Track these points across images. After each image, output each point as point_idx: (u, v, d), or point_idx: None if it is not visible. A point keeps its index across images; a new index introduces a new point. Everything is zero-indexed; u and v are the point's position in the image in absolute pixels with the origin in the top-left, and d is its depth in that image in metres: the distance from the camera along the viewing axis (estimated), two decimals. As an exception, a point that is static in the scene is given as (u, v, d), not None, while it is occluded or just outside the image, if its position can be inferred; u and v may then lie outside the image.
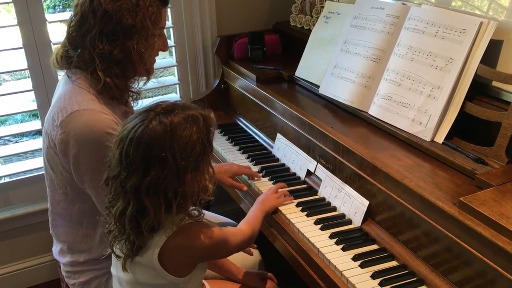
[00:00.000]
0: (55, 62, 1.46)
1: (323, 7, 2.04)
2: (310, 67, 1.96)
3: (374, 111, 1.63)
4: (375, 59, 1.67)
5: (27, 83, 2.12)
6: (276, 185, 1.65)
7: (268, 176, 1.75)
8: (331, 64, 1.82)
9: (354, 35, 1.76)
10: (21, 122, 3.56)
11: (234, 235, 1.31)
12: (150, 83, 1.58)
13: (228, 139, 2.06)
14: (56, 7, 3.67)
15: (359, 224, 1.44)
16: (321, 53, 1.92)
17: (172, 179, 1.09)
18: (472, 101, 1.42)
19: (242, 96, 2.14)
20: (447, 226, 1.17)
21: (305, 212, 1.53)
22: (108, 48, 1.36)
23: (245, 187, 1.72)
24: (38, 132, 2.68)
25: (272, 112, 1.90)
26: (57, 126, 1.36)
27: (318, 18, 2.04)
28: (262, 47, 2.23)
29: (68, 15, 1.46)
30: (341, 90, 1.75)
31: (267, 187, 1.69)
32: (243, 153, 1.94)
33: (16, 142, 3.25)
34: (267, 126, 1.98)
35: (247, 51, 2.25)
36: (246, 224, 1.40)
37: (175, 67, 2.39)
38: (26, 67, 2.05)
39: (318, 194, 1.62)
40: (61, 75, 1.52)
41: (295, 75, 2.01)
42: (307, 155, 1.71)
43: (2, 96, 2.11)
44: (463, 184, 1.28)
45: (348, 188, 1.50)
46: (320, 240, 1.41)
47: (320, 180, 1.63)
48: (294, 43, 2.23)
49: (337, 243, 1.39)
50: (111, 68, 1.39)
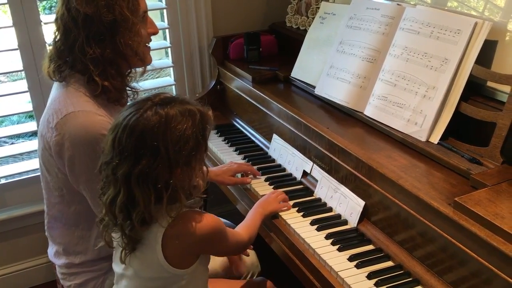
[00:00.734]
0: (48, 76, 1.44)
1: (318, 7, 2.04)
2: (306, 68, 1.96)
3: (370, 111, 1.63)
4: (370, 60, 1.68)
5: (23, 85, 2.11)
6: (277, 191, 1.61)
7: (264, 176, 1.75)
8: (326, 65, 1.82)
9: (350, 36, 1.76)
10: (17, 124, 3.56)
11: (233, 233, 1.31)
12: (149, 84, 1.58)
13: (224, 140, 2.06)
14: (52, 8, 3.66)
15: (355, 225, 1.44)
16: (316, 53, 1.92)
17: (163, 170, 1.09)
18: (467, 101, 1.42)
19: (238, 96, 2.14)
20: (442, 226, 1.17)
21: (301, 213, 1.53)
22: (98, 51, 1.36)
23: (248, 179, 1.72)
24: (34, 134, 2.67)
25: (268, 112, 1.90)
26: (52, 128, 1.36)
27: (313, 18, 2.05)
28: (258, 48, 2.24)
29: None
30: (336, 91, 1.75)
31: (263, 188, 1.69)
32: (239, 153, 1.94)
33: (12, 144, 3.25)
34: (263, 126, 1.98)
35: (243, 51, 2.25)
36: (244, 228, 1.40)
37: (171, 68, 2.39)
38: (22, 68, 2.04)
39: (314, 195, 1.62)
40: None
41: (291, 75, 2.01)
42: (303, 155, 1.71)
43: (-1, 98, 2.10)
44: (458, 184, 1.28)
45: (344, 189, 1.50)
46: (316, 240, 1.41)
47: (316, 180, 1.63)
48: (290, 43, 2.23)
49: (333, 244, 1.39)
50: (106, 70, 1.38)
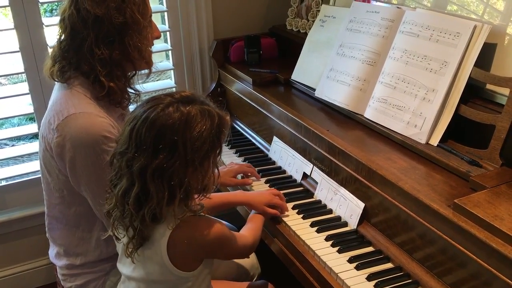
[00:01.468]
0: (50, 77, 1.44)
1: (319, 10, 2.05)
2: (306, 71, 1.97)
3: (370, 114, 1.64)
4: (370, 63, 1.68)
5: (24, 87, 2.12)
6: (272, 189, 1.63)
7: (264, 178, 1.76)
8: (327, 68, 1.83)
9: (350, 39, 1.77)
10: (17, 126, 3.57)
11: (239, 237, 1.31)
12: (150, 86, 1.59)
13: (224, 142, 2.06)
14: (53, 11, 3.67)
15: (355, 227, 1.45)
16: (317, 56, 1.93)
17: (179, 168, 1.09)
18: (466, 103, 1.43)
19: (238, 99, 2.15)
20: (442, 228, 1.17)
21: (301, 215, 1.54)
22: (107, 52, 1.36)
23: (250, 180, 1.73)
24: (34, 136, 2.68)
25: (269, 115, 1.91)
26: (53, 130, 1.36)
27: (314, 21, 2.06)
28: (258, 51, 2.24)
29: None
30: (337, 93, 1.76)
31: (263, 190, 1.69)
32: (239, 156, 1.95)
33: (12, 146, 3.26)
34: (263, 129, 1.99)
35: (244, 54, 2.26)
36: (249, 231, 1.40)
37: (172, 71, 2.40)
38: (23, 71, 2.05)
39: (314, 197, 1.63)
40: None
41: (291, 78, 2.02)
42: (303, 158, 1.71)
43: (-1, 100, 2.11)
44: (458, 186, 1.28)
45: (343, 191, 1.51)
46: (316, 242, 1.42)
47: (316, 182, 1.63)
48: (290, 46, 2.24)
49: (333, 245, 1.40)
50: (112, 71, 1.39)
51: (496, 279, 1.04)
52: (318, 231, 1.46)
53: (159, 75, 3.03)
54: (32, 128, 2.23)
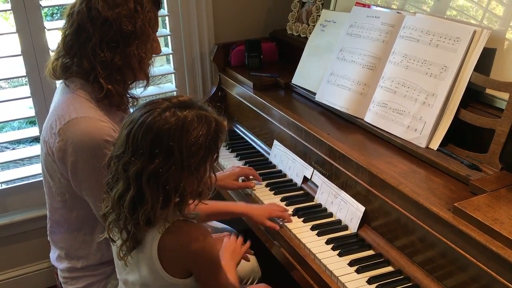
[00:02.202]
0: (52, 73, 1.45)
1: (319, 15, 2.06)
2: (306, 75, 1.98)
3: (370, 118, 1.64)
4: (370, 67, 1.69)
5: (24, 90, 2.12)
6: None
7: (265, 182, 1.76)
8: (327, 72, 1.84)
9: (350, 43, 1.78)
10: (18, 129, 3.57)
11: (224, 270, 1.27)
12: (150, 90, 1.59)
13: (225, 146, 2.07)
14: (54, 15, 3.68)
15: (355, 230, 1.45)
16: (317, 60, 1.94)
17: (174, 172, 1.09)
18: (466, 108, 1.43)
19: (239, 103, 2.16)
20: (442, 232, 1.18)
21: (301, 218, 1.54)
22: (109, 56, 1.36)
23: (252, 184, 1.72)
24: (35, 139, 2.68)
25: (269, 119, 1.91)
26: (55, 134, 1.36)
27: (314, 26, 2.07)
28: (259, 55, 2.25)
29: None
30: (337, 97, 1.76)
31: (264, 193, 1.70)
32: (240, 159, 1.96)
33: (13, 149, 3.26)
34: (264, 133, 1.99)
35: (244, 58, 2.27)
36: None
37: (173, 75, 2.41)
38: (24, 74, 2.06)
39: (314, 200, 1.63)
40: (58, 82, 1.52)
41: (292, 82, 2.03)
42: (303, 161, 1.72)
43: (0, 103, 2.11)
44: (458, 190, 1.29)
45: (344, 194, 1.51)
46: (316, 245, 1.42)
47: (317, 186, 1.64)
48: (290, 51, 2.25)
49: (333, 249, 1.40)
50: (112, 75, 1.39)
51: (496, 282, 1.04)
52: (319, 235, 1.46)
53: (160, 79, 3.03)
54: (32, 131, 2.24)
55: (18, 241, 2.28)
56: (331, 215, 1.55)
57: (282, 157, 1.83)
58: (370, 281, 1.28)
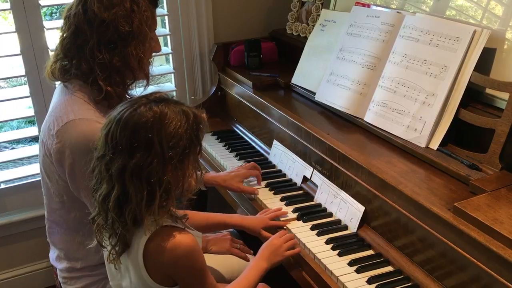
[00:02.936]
0: (51, 76, 1.44)
1: (319, 15, 2.06)
2: (306, 74, 1.97)
3: (370, 117, 1.64)
4: (370, 67, 1.69)
5: (23, 90, 2.12)
6: (282, 232, 1.48)
7: (265, 182, 1.76)
8: (327, 71, 1.84)
9: (350, 43, 1.78)
10: (17, 129, 3.56)
11: (212, 281, 1.22)
12: (149, 90, 1.59)
13: (224, 146, 2.07)
14: (53, 14, 3.68)
15: (355, 230, 1.45)
16: (317, 60, 1.94)
17: (157, 165, 1.09)
18: (466, 108, 1.43)
19: (238, 102, 2.15)
20: (442, 232, 1.18)
21: (301, 218, 1.54)
22: (108, 57, 1.36)
23: (256, 191, 1.71)
24: (34, 139, 2.68)
25: (269, 118, 1.91)
26: (52, 136, 1.36)
27: (314, 26, 2.07)
28: (258, 55, 2.25)
29: None
30: (337, 97, 1.76)
31: (264, 193, 1.70)
32: (239, 159, 1.95)
33: (12, 149, 3.25)
34: (263, 132, 1.99)
35: (244, 58, 2.27)
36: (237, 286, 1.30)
37: (172, 74, 2.41)
38: (23, 74, 2.06)
39: (314, 200, 1.63)
40: (58, 82, 1.52)
41: (292, 82, 2.03)
42: (303, 161, 1.72)
43: (-1, 103, 2.11)
44: (458, 189, 1.29)
45: (344, 194, 1.51)
46: (316, 245, 1.42)
47: (316, 186, 1.64)
48: (290, 50, 2.25)
49: (333, 249, 1.40)
50: (111, 76, 1.39)
51: (496, 282, 1.04)
52: (318, 234, 1.46)
53: (159, 78, 3.03)
54: (31, 131, 2.23)
55: (17, 240, 2.28)
56: (331, 215, 1.55)
57: (281, 157, 1.83)
58: (370, 281, 1.27)
